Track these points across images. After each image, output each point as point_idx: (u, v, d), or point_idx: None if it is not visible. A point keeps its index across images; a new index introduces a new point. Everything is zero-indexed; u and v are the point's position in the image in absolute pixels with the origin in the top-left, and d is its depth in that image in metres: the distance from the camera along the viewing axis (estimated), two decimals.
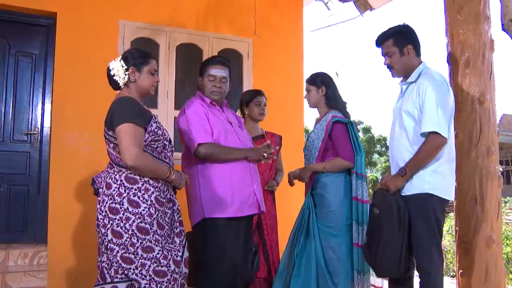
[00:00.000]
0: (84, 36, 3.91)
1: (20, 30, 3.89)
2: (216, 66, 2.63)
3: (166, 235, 2.16)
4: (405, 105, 2.49)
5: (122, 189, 2.11)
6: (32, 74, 3.91)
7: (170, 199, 2.24)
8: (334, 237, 2.74)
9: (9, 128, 3.81)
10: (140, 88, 2.28)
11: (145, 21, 4.12)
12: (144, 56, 2.30)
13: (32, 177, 3.83)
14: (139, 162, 2.07)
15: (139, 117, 2.13)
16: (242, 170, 2.51)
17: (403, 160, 2.46)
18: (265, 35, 4.48)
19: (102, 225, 2.12)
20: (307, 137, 3.02)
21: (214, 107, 2.62)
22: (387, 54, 2.51)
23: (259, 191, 2.57)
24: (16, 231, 3.75)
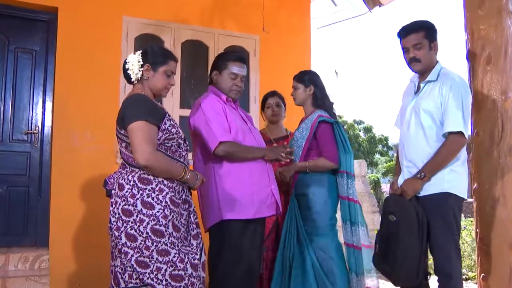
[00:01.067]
0: (86, 32, 3.86)
1: (20, 26, 3.83)
2: (238, 63, 2.59)
3: (182, 238, 2.13)
4: (424, 103, 2.47)
5: (135, 190, 2.07)
6: (32, 71, 3.86)
7: (185, 200, 2.21)
8: (320, 237, 2.75)
9: (8, 127, 3.75)
10: (152, 88, 2.24)
11: (150, 18, 4.07)
12: (164, 55, 2.26)
13: (32, 178, 3.78)
14: (152, 161, 2.03)
15: (152, 114, 2.09)
16: (260, 169, 2.49)
17: (421, 161, 2.44)
18: (272, 31, 4.45)
19: (115, 228, 2.08)
20: (292, 136, 3.05)
21: (227, 103, 2.58)
22: (416, 46, 2.46)
23: (276, 191, 2.54)
24: (16, 235, 3.69)
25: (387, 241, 2.49)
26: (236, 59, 2.59)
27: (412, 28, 2.49)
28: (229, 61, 2.58)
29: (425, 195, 2.42)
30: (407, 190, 2.42)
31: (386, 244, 2.48)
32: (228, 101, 2.58)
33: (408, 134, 2.53)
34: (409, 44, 2.48)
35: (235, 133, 2.47)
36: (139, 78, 2.21)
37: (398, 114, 2.77)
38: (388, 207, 2.54)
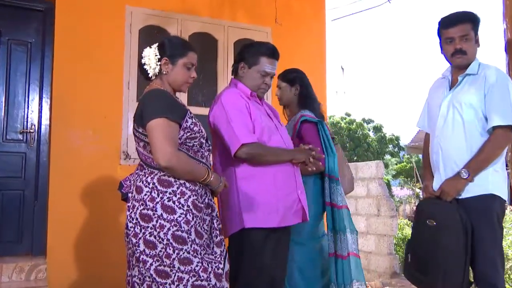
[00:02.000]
0: (86, 22, 3.69)
1: (13, 15, 3.68)
2: (271, 60, 2.39)
3: (205, 245, 1.99)
4: (464, 97, 2.36)
5: (155, 193, 1.95)
6: (27, 65, 3.70)
7: (208, 204, 2.07)
8: (297, 245, 2.59)
9: (1, 126, 3.60)
10: (171, 82, 2.12)
11: (155, 8, 3.92)
12: (183, 47, 2.13)
13: (28, 181, 3.62)
14: (174, 162, 1.90)
15: (173, 111, 1.97)
16: (286, 173, 2.32)
17: (462, 159, 2.32)
18: (285, 23, 4.33)
19: (133, 235, 1.94)
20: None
21: (254, 98, 2.41)
22: (464, 37, 2.37)
23: (303, 197, 2.37)
24: (9, 242, 3.54)
25: (425, 248, 2.34)
26: (271, 56, 2.39)
27: (460, 18, 2.39)
28: (262, 56, 2.37)
29: (468, 197, 2.30)
30: (448, 191, 2.29)
31: (424, 252, 2.33)
32: (253, 96, 2.41)
33: (445, 130, 2.40)
34: (456, 34, 2.37)
35: (260, 133, 2.29)
36: (157, 73, 2.09)
37: (422, 114, 2.68)
38: (425, 211, 2.40)
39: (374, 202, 5.03)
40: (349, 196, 5.47)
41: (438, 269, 2.27)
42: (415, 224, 2.54)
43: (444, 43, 2.44)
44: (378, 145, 20.54)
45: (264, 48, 2.41)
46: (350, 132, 20.90)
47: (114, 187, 3.59)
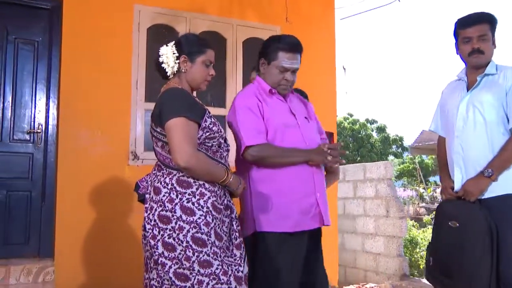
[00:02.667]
0: (94, 21, 3.69)
1: (20, 14, 3.67)
2: (291, 54, 2.29)
3: (224, 247, 1.98)
4: (485, 96, 2.38)
5: (174, 194, 1.93)
6: (34, 64, 3.69)
7: (227, 205, 2.06)
8: None
9: (8, 126, 3.58)
10: (190, 81, 2.10)
11: (163, 6, 3.91)
12: (200, 44, 2.11)
13: (35, 182, 3.61)
14: (193, 162, 1.88)
15: (192, 110, 1.95)
16: (302, 175, 2.25)
17: (485, 158, 2.32)
18: (294, 22, 4.32)
19: (151, 237, 1.93)
20: None
21: (273, 95, 2.34)
22: (482, 37, 2.38)
23: (323, 200, 2.28)
24: (16, 244, 3.52)
25: (449, 251, 2.33)
26: (290, 50, 2.30)
27: (478, 19, 2.41)
28: (280, 51, 2.30)
29: (491, 197, 2.29)
30: (472, 191, 2.29)
31: (448, 254, 2.32)
32: (273, 93, 2.34)
33: (466, 131, 2.40)
34: (475, 34, 2.39)
35: (273, 133, 2.24)
36: (176, 71, 2.08)
37: (435, 116, 2.69)
38: (447, 213, 2.39)
39: (383, 203, 5.02)
40: (357, 197, 5.47)
41: (463, 271, 2.25)
42: (436, 226, 2.51)
43: (461, 43, 2.45)
44: (381, 145, 20.53)
45: (282, 42, 2.32)
46: (354, 132, 20.92)
47: (122, 188, 3.63)
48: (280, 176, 2.23)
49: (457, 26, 2.48)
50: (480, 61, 2.40)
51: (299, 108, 2.40)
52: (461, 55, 2.48)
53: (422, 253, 6.37)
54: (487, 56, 2.39)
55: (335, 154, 2.21)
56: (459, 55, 2.51)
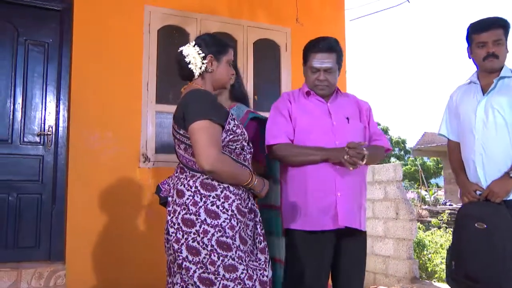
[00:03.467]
0: (105, 22, 3.70)
1: (30, 15, 3.67)
2: (320, 54, 2.33)
3: (249, 251, 1.97)
4: (504, 99, 2.41)
5: (198, 197, 1.93)
6: (44, 66, 3.69)
7: (251, 208, 2.05)
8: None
9: (19, 129, 3.58)
10: (216, 80, 2.11)
11: (173, 7, 3.92)
12: (222, 44, 2.13)
13: (46, 185, 3.61)
14: (218, 166, 1.88)
15: (217, 113, 1.95)
16: (322, 174, 2.26)
17: (508, 160, 2.34)
18: (305, 24, 4.32)
19: (175, 240, 1.92)
20: None
21: (309, 97, 2.39)
22: (497, 42, 2.43)
23: (343, 199, 2.25)
24: (27, 248, 3.51)
25: (475, 253, 2.33)
26: (318, 50, 2.34)
27: (493, 23, 2.46)
28: (309, 52, 2.37)
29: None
30: (498, 192, 2.30)
31: (474, 257, 2.32)
32: (311, 94, 2.39)
33: (488, 133, 2.43)
34: (490, 39, 2.43)
35: (298, 133, 2.30)
36: (202, 72, 2.07)
37: (445, 121, 2.70)
38: (472, 215, 2.39)
39: (392, 205, 5.03)
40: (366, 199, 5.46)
41: (492, 273, 2.24)
42: (459, 229, 2.50)
43: (476, 48, 2.49)
44: None
45: (310, 43, 2.40)
46: None
47: (133, 191, 3.63)
48: (301, 174, 2.29)
49: (471, 31, 2.52)
50: (495, 65, 2.45)
51: (343, 108, 2.38)
52: (475, 59, 2.53)
53: (429, 256, 6.38)
54: (501, 61, 2.45)
55: (352, 153, 2.13)
56: (472, 59, 2.56)
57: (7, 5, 3.57)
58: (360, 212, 2.30)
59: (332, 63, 2.32)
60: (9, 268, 3.25)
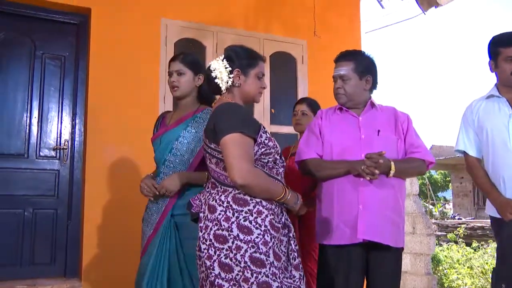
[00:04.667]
0: (122, 36, 3.71)
1: (48, 29, 3.69)
2: (337, 63, 2.42)
3: (283, 268, 1.93)
4: None
5: (230, 213, 1.90)
6: (61, 79, 3.70)
7: (285, 224, 2.01)
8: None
9: (35, 143, 3.57)
10: (244, 94, 2.09)
11: (190, 20, 3.93)
12: (252, 57, 2.11)
13: (61, 199, 3.59)
14: (251, 180, 1.85)
15: (248, 126, 1.93)
16: (347, 187, 2.26)
17: None
18: (321, 36, 4.33)
19: (207, 257, 1.89)
20: (167, 135, 2.43)
21: (342, 112, 2.40)
22: None
23: (366, 212, 2.22)
24: (42, 264, 3.48)
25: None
26: (337, 59, 2.43)
27: None
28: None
29: None
30: None
31: None
32: (343, 109, 2.39)
33: None
34: None
35: (326, 148, 2.35)
36: (229, 86, 2.07)
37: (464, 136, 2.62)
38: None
39: (409, 219, 4.98)
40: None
41: None
42: (506, 249, 2.38)
43: (503, 62, 2.46)
44: None
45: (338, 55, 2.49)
46: None
47: None
48: (330, 189, 2.31)
49: (497, 44, 2.49)
50: None
51: (375, 121, 2.36)
52: (500, 73, 2.50)
53: (445, 271, 6.31)
54: None
55: (369, 163, 2.13)
56: (495, 73, 2.53)
57: (25, 19, 3.59)
58: (388, 226, 2.23)
59: (347, 70, 2.35)
60: (26, 285, 3.23)
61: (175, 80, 2.43)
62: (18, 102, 3.54)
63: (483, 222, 12.45)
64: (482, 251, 7.41)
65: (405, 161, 2.30)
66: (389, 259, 2.28)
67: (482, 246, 8.02)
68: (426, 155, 2.33)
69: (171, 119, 2.52)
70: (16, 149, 3.50)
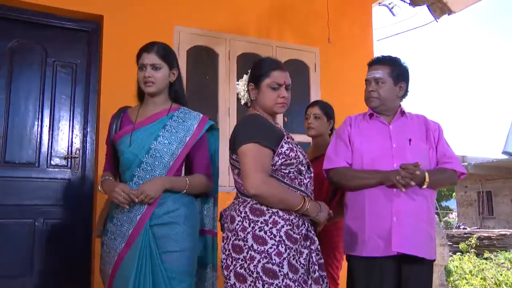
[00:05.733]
0: (134, 43, 3.59)
1: (59, 36, 3.66)
2: (371, 67, 2.36)
3: (301, 281, 1.88)
4: None
5: (246, 223, 1.89)
6: (72, 87, 3.66)
7: (307, 235, 1.96)
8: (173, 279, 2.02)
9: (46, 152, 3.52)
10: (262, 107, 2.06)
11: (203, 27, 3.91)
12: (262, 68, 2.06)
13: (72, 209, 3.52)
14: (263, 190, 1.85)
15: (266, 136, 1.92)
16: (379, 198, 2.20)
17: None
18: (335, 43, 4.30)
19: (225, 267, 1.91)
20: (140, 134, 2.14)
21: (371, 119, 2.35)
22: None
23: (399, 225, 2.17)
24: (52, 274, 3.40)
25: None
26: (371, 64, 2.38)
27: None
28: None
29: None
30: None
31: None
32: (374, 116, 2.35)
33: None
34: None
35: (357, 156, 2.28)
36: (249, 100, 2.10)
37: None
38: None
39: None
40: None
41: None
42: None
43: None
44: None
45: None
46: None
47: None
48: (360, 198, 2.25)
49: None
50: None
51: (406, 130, 2.32)
52: None
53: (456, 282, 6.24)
54: None
55: (404, 174, 2.08)
56: None
57: (37, 27, 3.56)
58: (422, 239, 2.18)
59: (383, 74, 2.29)
60: None
61: (150, 75, 2.17)
62: (29, 110, 3.49)
63: (489, 232, 12.39)
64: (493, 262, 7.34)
65: (438, 172, 2.24)
66: (422, 272, 2.22)
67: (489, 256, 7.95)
68: (458, 165, 2.29)
69: (138, 116, 2.22)
70: (27, 158, 3.44)
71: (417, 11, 4.72)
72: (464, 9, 4.35)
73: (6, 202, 3.34)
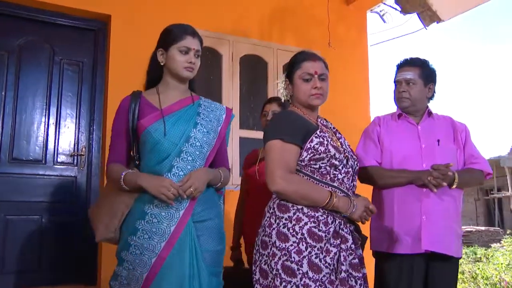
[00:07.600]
0: (141, 43, 3.67)
1: (67, 35, 3.67)
2: (400, 68, 2.41)
3: (326, 281, 1.78)
4: None
5: (273, 219, 1.88)
6: (79, 85, 3.68)
7: (338, 233, 1.86)
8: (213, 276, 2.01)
9: (52, 149, 3.54)
10: (298, 101, 2.02)
11: (208, 29, 3.99)
12: (292, 61, 2.06)
13: (79, 206, 3.54)
14: (283, 186, 1.82)
15: (291, 132, 1.88)
16: (409, 196, 2.26)
17: None
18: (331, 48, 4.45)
19: (254, 261, 1.92)
20: (175, 119, 2.02)
21: (400, 119, 2.41)
22: None
23: (429, 224, 2.20)
24: (60, 271, 3.43)
25: None
26: (400, 65, 2.43)
27: None
28: (396, 68, 2.45)
29: None
30: None
31: None
32: (403, 116, 2.41)
33: None
34: None
35: (386, 156, 2.34)
36: (289, 97, 2.07)
37: None
38: None
39: None
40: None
41: None
42: None
43: None
44: None
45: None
46: None
47: None
48: (389, 197, 2.31)
49: None
50: None
51: (434, 130, 2.37)
52: None
53: None
54: None
55: (436, 174, 2.12)
56: None
57: (44, 25, 3.58)
58: (450, 237, 2.24)
59: (414, 75, 2.35)
60: None
61: (194, 61, 2.06)
62: (37, 108, 3.50)
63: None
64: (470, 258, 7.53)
65: (467, 172, 2.30)
66: (449, 269, 2.29)
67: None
68: (485, 166, 2.35)
69: (160, 102, 2.06)
70: (34, 155, 3.46)
71: (407, 18, 4.89)
72: (455, 16, 4.55)
73: (13, 198, 3.35)
